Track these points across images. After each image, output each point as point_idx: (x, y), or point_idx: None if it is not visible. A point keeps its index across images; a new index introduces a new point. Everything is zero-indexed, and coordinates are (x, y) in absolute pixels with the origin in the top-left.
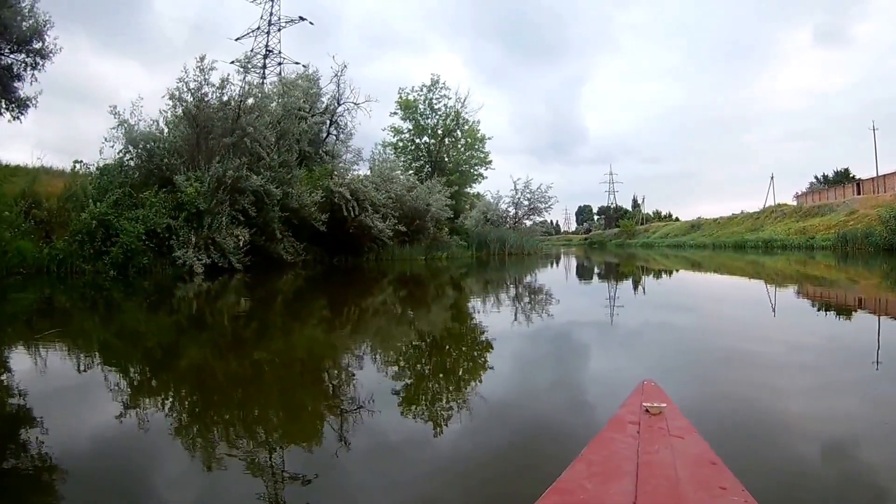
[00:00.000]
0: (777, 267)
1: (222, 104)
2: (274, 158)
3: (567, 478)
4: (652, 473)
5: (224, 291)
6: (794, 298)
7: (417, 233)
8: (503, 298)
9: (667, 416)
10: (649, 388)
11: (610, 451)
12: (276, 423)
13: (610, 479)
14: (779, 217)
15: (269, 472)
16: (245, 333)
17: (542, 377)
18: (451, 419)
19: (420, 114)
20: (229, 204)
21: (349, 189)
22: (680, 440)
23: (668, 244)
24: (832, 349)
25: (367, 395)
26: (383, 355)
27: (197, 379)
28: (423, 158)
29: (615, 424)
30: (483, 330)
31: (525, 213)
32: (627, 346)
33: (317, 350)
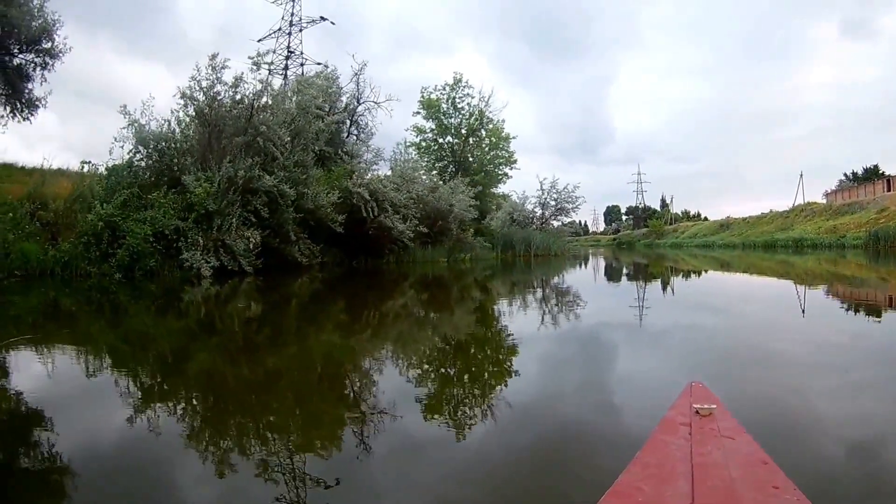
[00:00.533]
0: (808, 266)
1: (235, 103)
2: (288, 158)
3: (624, 480)
4: (707, 475)
5: (230, 295)
6: (828, 299)
7: (440, 234)
8: (529, 300)
9: (717, 417)
10: (698, 390)
11: (664, 453)
12: (293, 429)
13: (666, 480)
14: (808, 215)
15: (290, 477)
16: (249, 340)
17: (573, 380)
18: (483, 425)
19: (443, 113)
20: (241, 205)
21: (368, 189)
22: (731, 441)
23: (696, 244)
24: (868, 349)
25: (387, 400)
26: (399, 361)
27: (201, 387)
28: (447, 158)
29: (666, 426)
30: (509, 333)
31: (552, 214)
32: (661, 348)
33: (327, 356)
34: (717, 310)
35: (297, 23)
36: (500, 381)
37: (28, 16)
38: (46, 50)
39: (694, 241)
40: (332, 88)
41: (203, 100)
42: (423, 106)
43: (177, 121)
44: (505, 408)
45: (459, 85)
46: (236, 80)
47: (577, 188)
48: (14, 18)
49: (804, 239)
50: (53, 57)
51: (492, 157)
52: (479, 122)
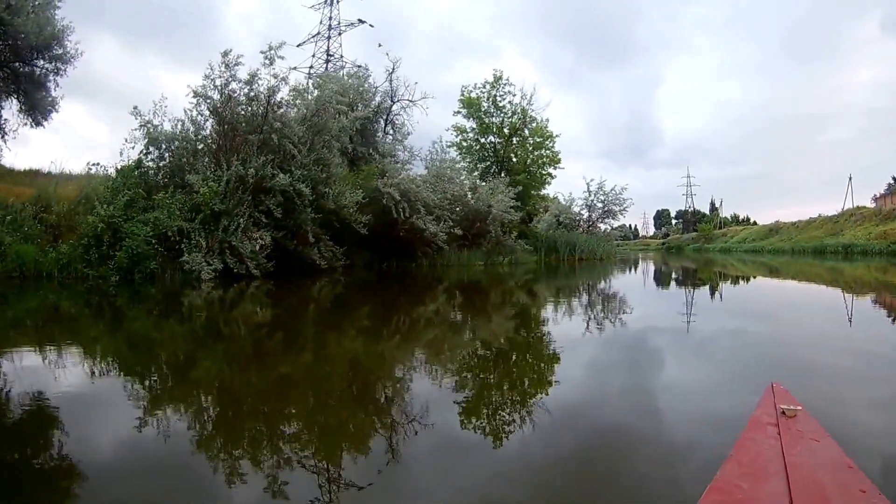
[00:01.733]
0: (856, 275)
1: (249, 100)
2: (307, 156)
3: (722, 478)
4: (800, 475)
5: (227, 302)
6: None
7: (478, 236)
8: (566, 308)
9: (801, 419)
10: (779, 391)
11: (756, 452)
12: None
13: (761, 479)
14: (858, 220)
15: (320, 482)
16: (231, 354)
17: (614, 390)
18: (523, 435)
19: (484, 112)
20: (253, 205)
21: (399, 189)
22: (817, 443)
23: (745, 249)
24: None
25: (409, 410)
26: (408, 376)
27: (177, 407)
28: (490, 158)
29: (755, 425)
30: (542, 345)
31: (599, 216)
32: (709, 356)
33: (318, 376)
34: (765, 317)
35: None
36: (536, 393)
37: (36, 24)
38: (58, 56)
39: (743, 245)
40: (364, 86)
41: (217, 98)
42: (464, 105)
43: (190, 120)
44: (544, 416)
45: (500, 83)
46: (251, 76)
47: (624, 189)
48: (21, 26)
49: (854, 245)
50: (65, 62)
51: (535, 158)
52: (521, 121)
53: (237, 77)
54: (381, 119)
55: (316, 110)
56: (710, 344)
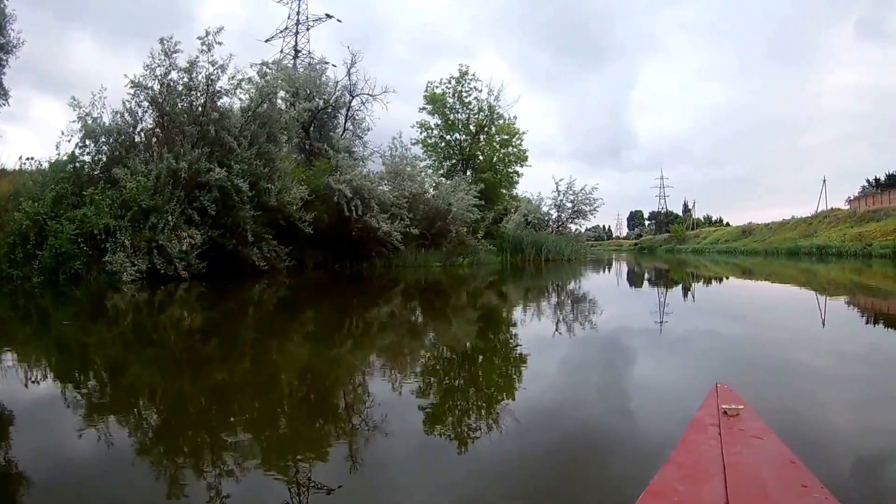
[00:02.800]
0: (831, 276)
1: (188, 89)
2: (247, 149)
3: (659, 481)
4: (739, 474)
5: (144, 307)
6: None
7: (439, 236)
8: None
9: (744, 418)
10: (724, 391)
11: (696, 453)
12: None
13: (700, 481)
14: (832, 222)
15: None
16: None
17: (583, 390)
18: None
19: (449, 108)
20: (187, 201)
21: (351, 186)
22: (759, 441)
23: (718, 250)
24: (884, 361)
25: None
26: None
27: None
28: (456, 156)
29: (696, 426)
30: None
31: (569, 217)
32: (681, 354)
33: (199, 395)
34: (736, 318)
35: (303, 22)
36: (494, 396)
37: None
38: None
39: (715, 246)
40: (321, 79)
41: (157, 88)
42: (428, 101)
43: (128, 112)
44: (505, 419)
45: (466, 78)
46: (190, 64)
47: (594, 189)
48: None
49: (829, 246)
50: (7, 52)
51: (502, 156)
52: (488, 118)
53: (177, 65)
54: (341, 114)
55: (260, 101)
56: (676, 345)
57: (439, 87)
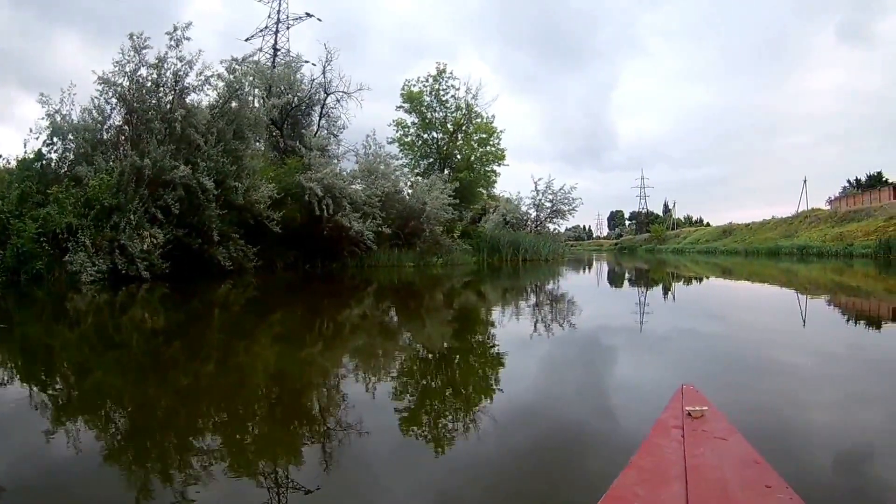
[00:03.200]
0: (812, 276)
1: (157, 86)
2: (213, 146)
3: (619, 484)
4: (700, 476)
5: (105, 308)
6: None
7: (413, 235)
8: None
9: (708, 419)
10: (689, 392)
11: (658, 456)
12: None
13: (660, 484)
14: (813, 222)
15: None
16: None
17: (557, 390)
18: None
19: (426, 106)
20: (151, 200)
21: (322, 185)
22: (723, 442)
23: (698, 250)
24: (862, 360)
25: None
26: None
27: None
28: (433, 155)
29: (659, 429)
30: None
31: (547, 216)
32: (658, 354)
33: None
34: (714, 318)
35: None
36: (465, 398)
37: None
38: None
39: (696, 246)
40: (295, 77)
41: (126, 84)
42: (405, 99)
43: (96, 109)
44: (478, 420)
45: (443, 76)
46: (159, 60)
47: (573, 189)
48: None
49: (809, 246)
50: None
51: (480, 155)
52: (465, 117)
53: (146, 62)
54: (315, 112)
55: (228, 97)
56: (652, 345)
57: (416, 85)
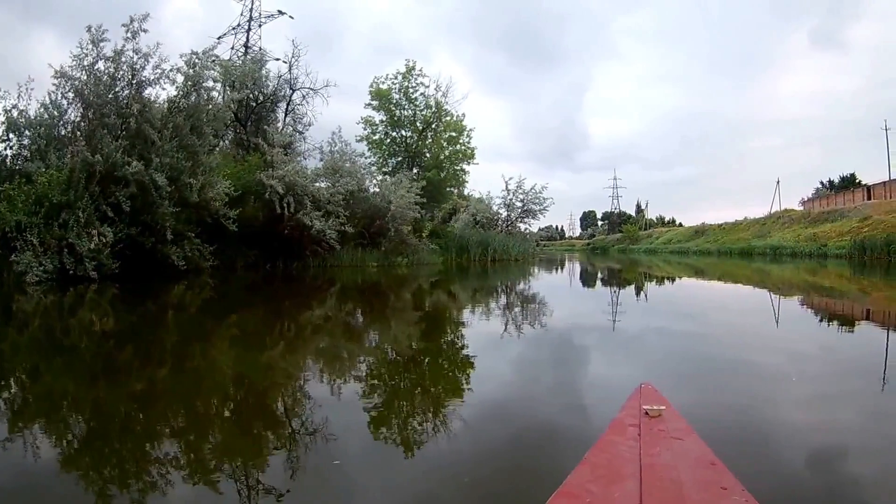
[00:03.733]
0: (785, 276)
1: (114, 80)
2: (167, 142)
3: (572, 481)
4: (655, 475)
5: (52, 310)
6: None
7: (378, 235)
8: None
9: (666, 418)
10: (647, 391)
11: (612, 454)
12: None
13: (614, 481)
14: (786, 223)
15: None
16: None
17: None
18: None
19: (395, 104)
20: (103, 197)
21: (284, 182)
22: (679, 442)
23: (671, 250)
24: (829, 360)
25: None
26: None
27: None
28: (402, 153)
29: (616, 427)
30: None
31: (518, 216)
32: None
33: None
34: (682, 318)
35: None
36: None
37: None
38: None
39: (668, 246)
40: (260, 72)
41: (85, 78)
42: (373, 97)
43: (53, 104)
44: (442, 422)
45: (413, 74)
46: (116, 53)
47: (544, 188)
48: None
49: (783, 247)
50: None
51: (450, 154)
52: (435, 115)
53: (104, 55)
54: (280, 108)
55: (186, 91)
56: (618, 345)
57: (385, 82)
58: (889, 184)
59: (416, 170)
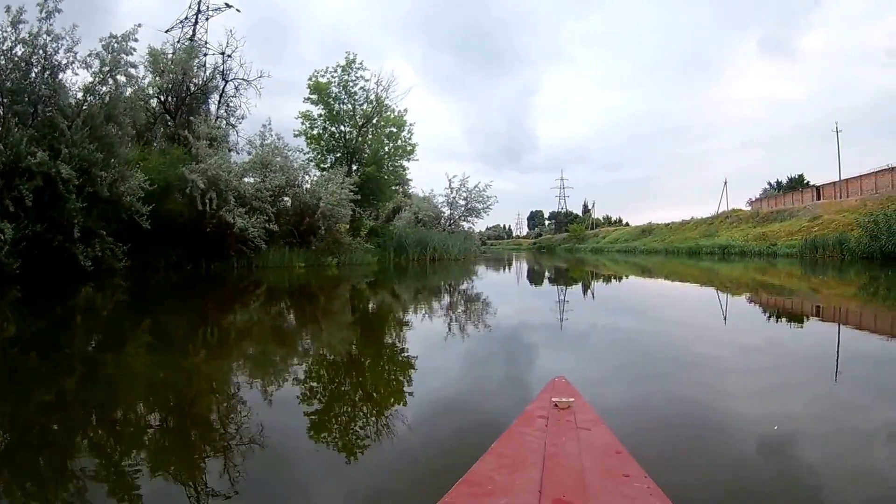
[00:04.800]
0: (734, 275)
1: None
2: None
3: (476, 470)
4: (557, 464)
5: None
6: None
7: (308, 233)
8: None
9: (575, 410)
10: (559, 384)
11: (519, 444)
12: None
13: (517, 470)
14: (734, 222)
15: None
16: None
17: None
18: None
19: (333, 98)
20: (7, 190)
21: (206, 176)
22: (587, 432)
23: (618, 249)
24: (772, 353)
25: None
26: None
27: None
28: (341, 149)
29: (525, 419)
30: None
31: (461, 214)
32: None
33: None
34: (622, 318)
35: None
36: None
37: None
38: None
39: (615, 245)
40: (191, 62)
41: (3, 63)
42: (312, 90)
43: None
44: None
45: (353, 67)
46: (31, 35)
47: (489, 186)
48: None
49: (731, 246)
50: None
51: (392, 149)
52: (375, 109)
53: (22, 38)
54: (212, 100)
55: (102, 78)
56: (550, 343)
57: (325, 75)
58: (839, 184)
59: (356, 166)
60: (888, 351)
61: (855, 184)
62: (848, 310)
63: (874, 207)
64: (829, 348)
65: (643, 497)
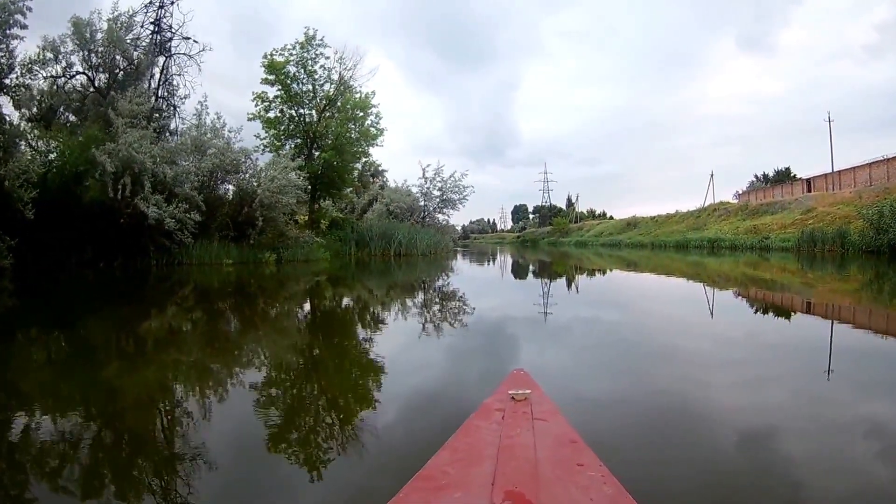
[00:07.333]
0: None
1: None
2: None
3: (431, 465)
4: (511, 455)
5: None
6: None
7: (245, 225)
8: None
9: (532, 401)
10: (518, 377)
11: (475, 437)
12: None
13: (472, 463)
14: (723, 215)
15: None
16: None
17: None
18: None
19: (291, 78)
20: None
21: (118, 158)
22: (543, 423)
23: (602, 243)
24: (752, 345)
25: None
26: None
27: None
28: (301, 134)
29: (482, 412)
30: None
31: (436, 206)
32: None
33: None
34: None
35: None
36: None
37: None
38: None
39: (599, 239)
40: (127, 37)
41: None
42: (268, 70)
43: None
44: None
45: (313, 44)
46: None
47: (465, 175)
48: None
49: (721, 239)
50: None
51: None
52: (338, 91)
53: None
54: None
55: None
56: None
57: (282, 53)
58: (831, 176)
59: (319, 152)
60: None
61: (848, 175)
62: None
63: (870, 199)
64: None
65: (596, 485)
